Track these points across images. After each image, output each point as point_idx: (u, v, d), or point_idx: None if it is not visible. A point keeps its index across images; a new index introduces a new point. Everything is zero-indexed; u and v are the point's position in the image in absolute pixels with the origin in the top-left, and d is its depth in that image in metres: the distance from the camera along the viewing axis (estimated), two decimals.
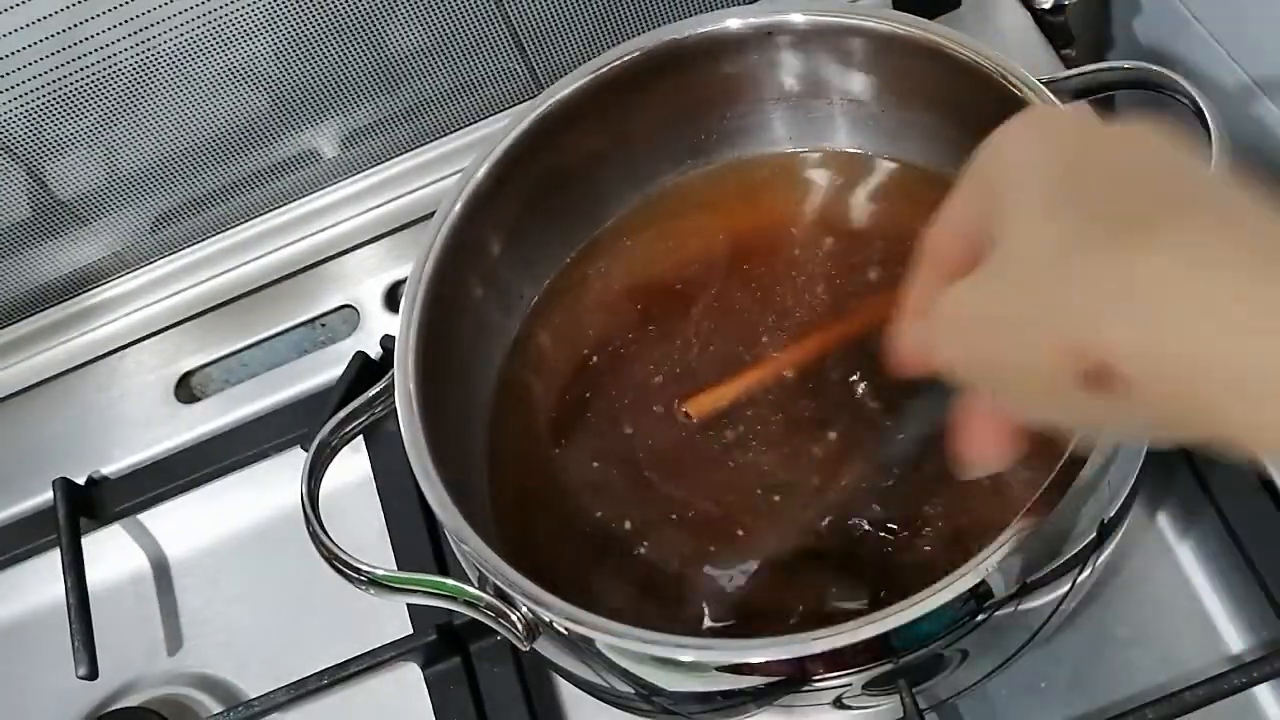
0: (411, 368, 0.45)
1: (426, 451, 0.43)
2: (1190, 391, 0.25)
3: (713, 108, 0.54)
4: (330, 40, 0.60)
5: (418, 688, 0.55)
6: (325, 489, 0.45)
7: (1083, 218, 0.27)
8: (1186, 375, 0.25)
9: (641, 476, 0.49)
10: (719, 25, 0.50)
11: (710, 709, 0.42)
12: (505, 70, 0.65)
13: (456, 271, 0.48)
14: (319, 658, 0.55)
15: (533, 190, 0.52)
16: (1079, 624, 0.49)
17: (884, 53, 0.49)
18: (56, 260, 0.68)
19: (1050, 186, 0.28)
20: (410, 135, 0.68)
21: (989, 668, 0.44)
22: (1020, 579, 0.38)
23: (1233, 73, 0.54)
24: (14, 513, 0.66)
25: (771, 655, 0.38)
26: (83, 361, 0.70)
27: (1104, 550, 0.42)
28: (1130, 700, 0.48)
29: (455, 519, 0.42)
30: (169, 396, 0.68)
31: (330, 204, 0.69)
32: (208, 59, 0.59)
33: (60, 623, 0.59)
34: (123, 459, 0.66)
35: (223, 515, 0.64)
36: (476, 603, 0.42)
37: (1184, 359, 0.25)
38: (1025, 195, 0.29)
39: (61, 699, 0.60)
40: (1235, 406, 0.25)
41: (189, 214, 0.68)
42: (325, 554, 0.43)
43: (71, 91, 0.58)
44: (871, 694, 0.41)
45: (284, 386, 0.66)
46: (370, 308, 0.67)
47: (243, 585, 0.62)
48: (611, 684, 0.42)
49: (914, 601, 0.36)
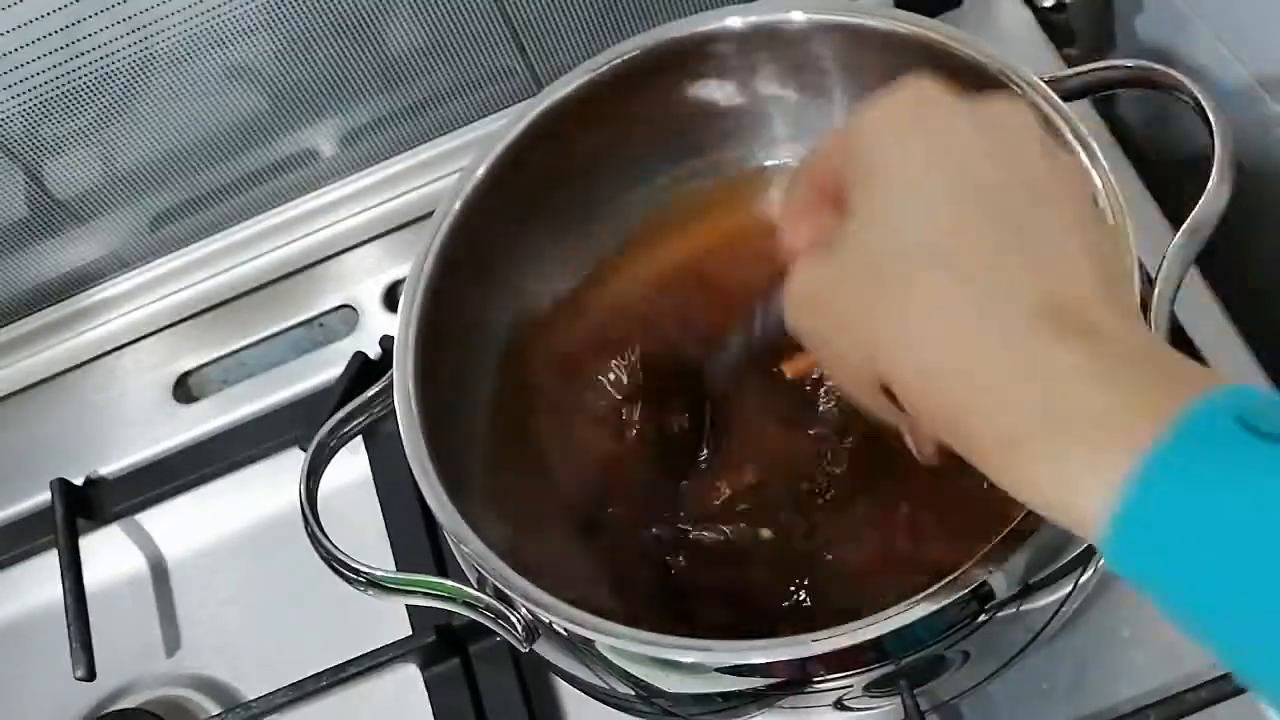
0: (411, 368, 0.45)
1: (426, 451, 0.43)
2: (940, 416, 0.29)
3: (713, 107, 0.54)
4: (330, 39, 0.60)
5: (417, 689, 0.55)
6: (324, 489, 0.45)
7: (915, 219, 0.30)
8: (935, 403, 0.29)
9: (642, 476, 0.49)
10: (719, 24, 0.50)
11: (710, 710, 0.42)
12: (505, 69, 0.65)
13: (456, 271, 0.48)
14: (318, 659, 0.55)
15: (532, 190, 0.52)
16: (1081, 625, 0.49)
17: (885, 51, 0.49)
18: (54, 259, 0.67)
19: (902, 175, 0.30)
20: (410, 134, 0.68)
21: (991, 669, 0.44)
22: (1022, 580, 0.38)
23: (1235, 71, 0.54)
24: (11, 513, 0.66)
25: (772, 656, 0.37)
26: (81, 361, 0.70)
27: None
28: (1132, 701, 0.48)
29: (455, 519, 0.42)
30: (167, 396, 0.68)
31: (329, 203, 0.69)
32: (206, 57, 0.59)
33: (58, 624, 0.59)
34: (120, 459, 0.66)
35: (221, 516, 0.64)
36: (476, 604, 0.42)
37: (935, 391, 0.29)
38: (877, 179, 0.31)
39: (59, 700, 0.60)
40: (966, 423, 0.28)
41: (187, 213, 0.68)
42: (324, 555, 0.43)
43: (69, 90, 0.57)
44: (873, 695, 0.40)
45: (282, 386, 0.66)
46: (369, 307, 0.67)
47: (241, 586, 0.62)
48: (611, 685, 0.42)
49: (915, 602, 0.36)
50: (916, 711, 0.41)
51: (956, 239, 0.29)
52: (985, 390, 0.28)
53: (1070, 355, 0.27)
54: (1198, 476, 0.25)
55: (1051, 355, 0.27)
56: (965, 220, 0.30)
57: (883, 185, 0.31)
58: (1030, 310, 0.28)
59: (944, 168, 0.30)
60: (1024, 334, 0.28)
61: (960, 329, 0.28)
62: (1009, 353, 0.28)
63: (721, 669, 0.38)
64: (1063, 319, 0.28)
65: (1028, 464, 0.28)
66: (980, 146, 0.31)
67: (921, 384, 0.29)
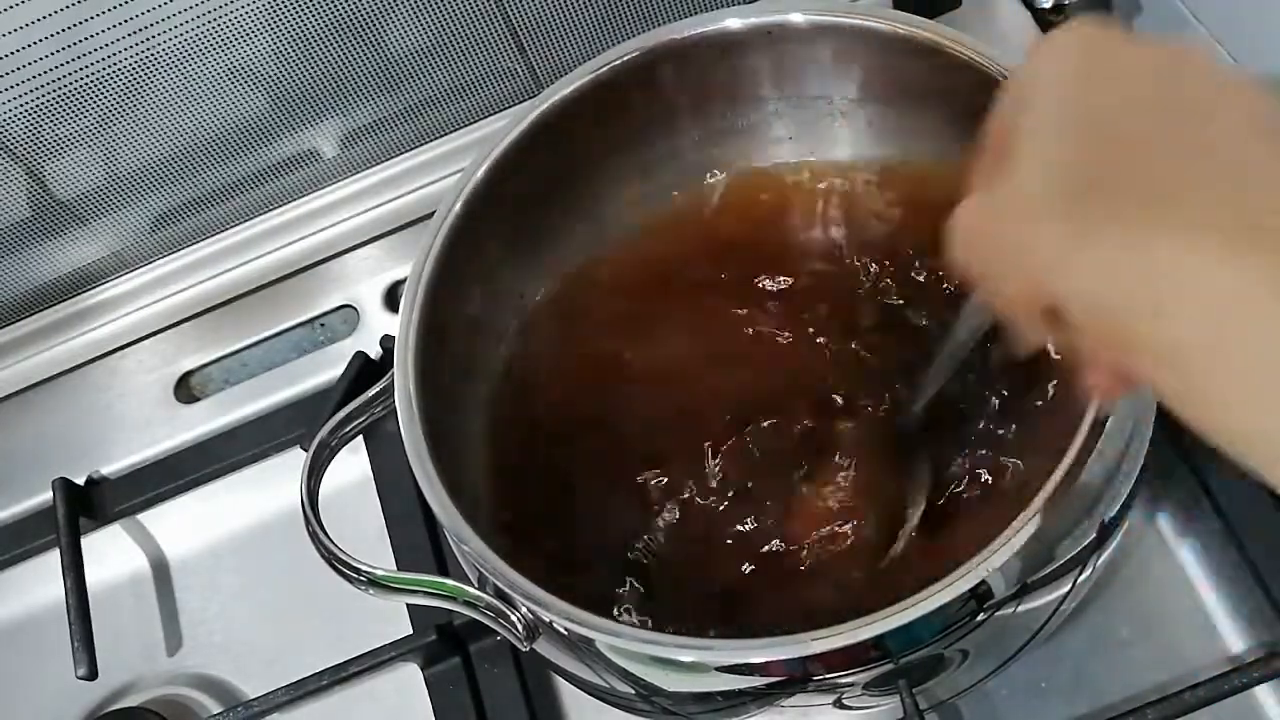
0: (411, 368, 0.45)
1: (426, 451, 0.43)
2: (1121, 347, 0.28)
3: (713, 107, 0.54)
4: (330, 40, 0.60)
5: (418, 688, 0.55)
6: (325, 489, 0.45)
7: (1081, 155, 0.28)
8: (1119, 334, 0.27)
9: (642, 475, 0.49)
10: (719, 25, 0.50)
11: (710, 709, 0.42)
12: (505, 70, 0.65)
13: (456, 271, 0.48)
14: (319, 658, 0.55)
15: (532, 190, 0.52)
16: (1079, 624, 0.49)
17: (884, 52, 0.49)
18: (56, 260, 0.68)
19: (1064, 112, 0.30)
20: (410, 135, 0.68)
21: (989, 668, 0.44)
22: (1020, 579, 0.38)
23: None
24: (13, 513, 0.66)
25: (772, 655, 0.38)
26: (82, 361, 0.70)
27: (1104, 550, 0.42)
28: (1131, 700, 0.48)
29: (455, 519, 0.42)
30: (169, 396, 0.68)
31: (330, 204, 0.69)
32: (208, 59, 0.59)
33: (60, 623, 0.59)
34: (122, 459, 0.66)
35: (222, 515, 0.64)
36: (476, 603, 0.42)
37: (1119, 322, 0.27)
38: (1040, 116, 0.30)
39: (61, 699, 0.60)
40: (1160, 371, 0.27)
41: (189, 214, 0.68)
42: (325, 554, 0.43)
43: (71, 91, 0.58)
44: (872, 694, 0.41)
45: (284, 386, 0.66)
46: (370, 308, 0.67)
47: (242, 585, 0.62)
48: (611, 684, 0.42)
49: (914, 602, 0.36)
50: (916, 710, 0.41)
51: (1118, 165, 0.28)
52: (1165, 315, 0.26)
53: (1259, 274, 0.25)
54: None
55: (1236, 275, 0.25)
56: (1124, 142, 0.28)
57: (1046, 110, 0.30)
58: (1204, 229, 0.26)
59: (1104, 91, 0.29)
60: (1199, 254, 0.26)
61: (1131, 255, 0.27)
62: (1188, 271, 0.26)
63: (721, 668, 0.38)
64: (1245, 237, 0.26)
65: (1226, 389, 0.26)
66: (1144, 71, 0.29)
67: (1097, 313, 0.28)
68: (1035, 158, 0.29)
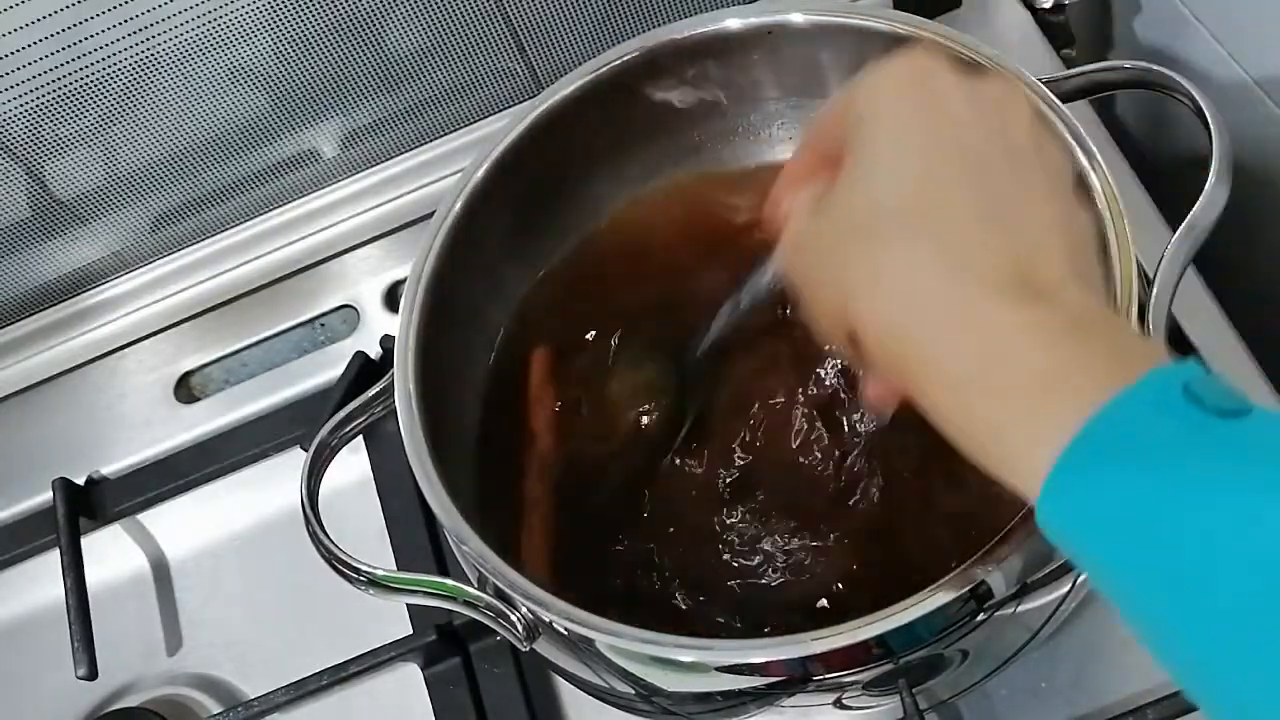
0: (411, 368, 0.45)
1: (426, 451, 0.43)
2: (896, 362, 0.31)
3: (713, 108, 0.54)
4: (330, 40, 0.60)
5: (418, 688, 0.55)
6: (325, 489, 0.45)
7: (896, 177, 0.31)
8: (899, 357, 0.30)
9: (642, 475, 0.49)
10: (719, 25, 0.50)
11: (710, 709, 0.42)
12: (505, 70, 0.65)
13: (456, 271, 0.48)
14: (319, 658, 0.55)
15: (532, 190, 0.52)
16: (1079, 624, 0.49)
17: (884, 52, 0.49)
18: (56, 260, 0.68)
19: (889, 135, 0.32)
20: (410, 135, 0.68)
21: (989, 668, 0.44)
22: (1020, 579, 0.38)
23: (1233, 72, 0.54)
24: (13, 513, 0.66)
25: (771, 655, 0.38)
26: (83, 361, 0.70)
27: None
28: (1130, 700, 0.48)
29: (455, 519, 0.42)
30: (169, 396, 0.68)
31: (330, 204, 0.69)
32: (208, 59, 0.59)
33: (60, 623, 0.59)
34: (122, 459, 0.66)
35: (222, 515, 0.64)
36: (476, 603, 0.42)
37: (895, 341, 0.30)
38: (871, 140, 0.32)
39: (61, 699, 0.60)
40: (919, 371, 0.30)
41: (189, 214, 0.68)
42: (325, 554, 0.43)
43: (71, 91, 0.58)
44: (872, 694, 0.41)
45: (284, 386, 0.66)
46: (370, 308, 0.67)
47: (242, 585, 0.62)
48: (611, 684, 0.42)
49: (914, 602, 0.36)
50: (916, 710, 0.41)
51: (932, 200, 0.31)
52: (937, 342, 0.29)
53: (1022, 315, 0.28)
54: (1138, 441, 0.25)
55: (1005, 314, 0.29)
56: (943, 182, 0.31)
57: (870, 144, 0.32)
58: (992, 272, 0.29)
59: (929, 131, 0.32)
60: (981, 293, 0.29)
61: (922, 285, 0.30)
62: (964, 308, 0.29)
63: (721, 668, 0.38)
64: (1023, 284, 0.29)
65: (973, 410, 0.29)
66: (969, 115, 0.32)
67: (883, 333, 0.31)
68: (870, 184, 0.32)
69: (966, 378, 0.29)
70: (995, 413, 0.28)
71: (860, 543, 0.46)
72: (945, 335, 0.29)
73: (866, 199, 0.32)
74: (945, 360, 0.29)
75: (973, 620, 0.38)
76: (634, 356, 0.51)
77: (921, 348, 0.30)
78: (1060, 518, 0.27)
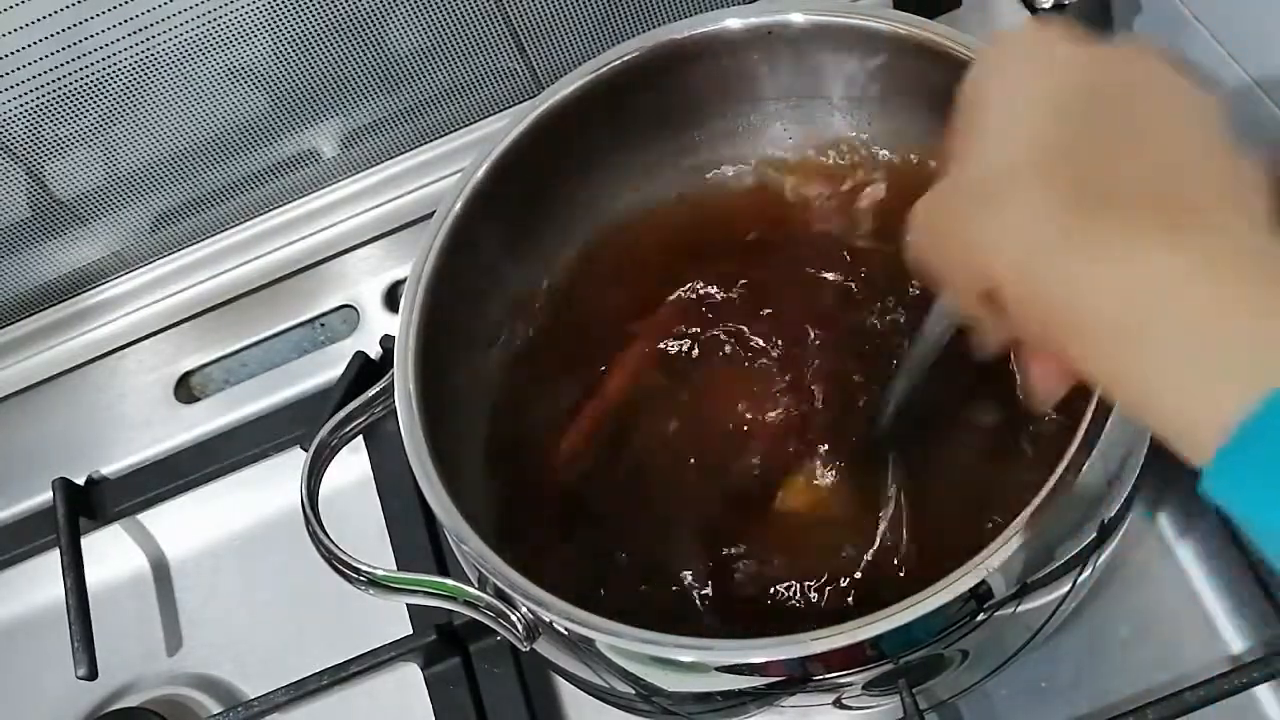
0: (411, 368, 0.45)
1: (426, 451, 0.43)
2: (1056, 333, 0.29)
3: (712, 107, 0.54)
4: (330, 40, 0.60)
5: (418, 688, 0.55)
6: (325, 489, 0.45)
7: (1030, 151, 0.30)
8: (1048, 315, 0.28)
9: (641, 475, 0.49)
10: (719, 25, 0.50)
11: (710, 709, 0.42)
12: (505, 70, 0.65)
13: (456, 271, 0.48)
14: (319, 658, 0.55)
15: (533, 190, 0.52)
16: (1079, 624, 0.49)
17: (884, 52, 0.49)
18: (56, 260, 0.68)
19: (1017, 109, 0.31)
20: (410, 135, 0.68)
21: (990, 668, 0.44)
22: (1021, 579, 0.38)
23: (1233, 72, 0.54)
24: (13, 513, 0.66)
25: (771, 655, 0.38)
26: (83, 361, 0.70)
27: (1104, 550, 0.42)
28: (1131, 700, 0.48)
29: (455, 519, 0.42)
30: (169, 396, 0.68)
31: (330, 204, 0.69)
32: (208, 59, 0.59)
33: (60, 623, 0.59)
34: (122, 459, 0.66)
35: (222, 515, 0.64)
36: (476, 603, 0.42)
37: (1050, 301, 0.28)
38: (995, 113, 0.32)
39: (61, 699, 0.60)
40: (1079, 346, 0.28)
41: (189, 214, 0.68)
42: (325, 554, 0.43)
43: (71, 91, 0.58)
44: (872, 694, 0.41)
45: (284, 386, 0.66)
46: (370, 308, 0.67)
47: (242, 585, 0.62)
48: (611, 684, 0.42)
49: (914, 602, 0.36)
50: (916, 710, 0.41)
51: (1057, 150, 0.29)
52: (1080, 288, 0.27)
53: (1184, 255, 0.26)
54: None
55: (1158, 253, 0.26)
56: (1070, 138, 0.30)
57: (993, 103, 0.32)
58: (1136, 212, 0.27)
59: (1045, 86, 0.31)
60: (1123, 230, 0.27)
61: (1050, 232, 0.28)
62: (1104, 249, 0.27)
63: (721, 668, 0.38)
64: (1177, 220, 0.27)
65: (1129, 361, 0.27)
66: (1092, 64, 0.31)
67: (1022, 288, 0.29)
68: (988, 150, 0.31)
69: (1121, 326, 0.26)
70: (1156, 362, 0.26)
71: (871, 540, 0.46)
72: (1088, 277, 0.27)
73: (988, 155, 0.31)
74: (1093, 308, 0.27)
75: (973, 620, 0.38)
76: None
77: (1064, 296, 0.28)
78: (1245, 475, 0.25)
